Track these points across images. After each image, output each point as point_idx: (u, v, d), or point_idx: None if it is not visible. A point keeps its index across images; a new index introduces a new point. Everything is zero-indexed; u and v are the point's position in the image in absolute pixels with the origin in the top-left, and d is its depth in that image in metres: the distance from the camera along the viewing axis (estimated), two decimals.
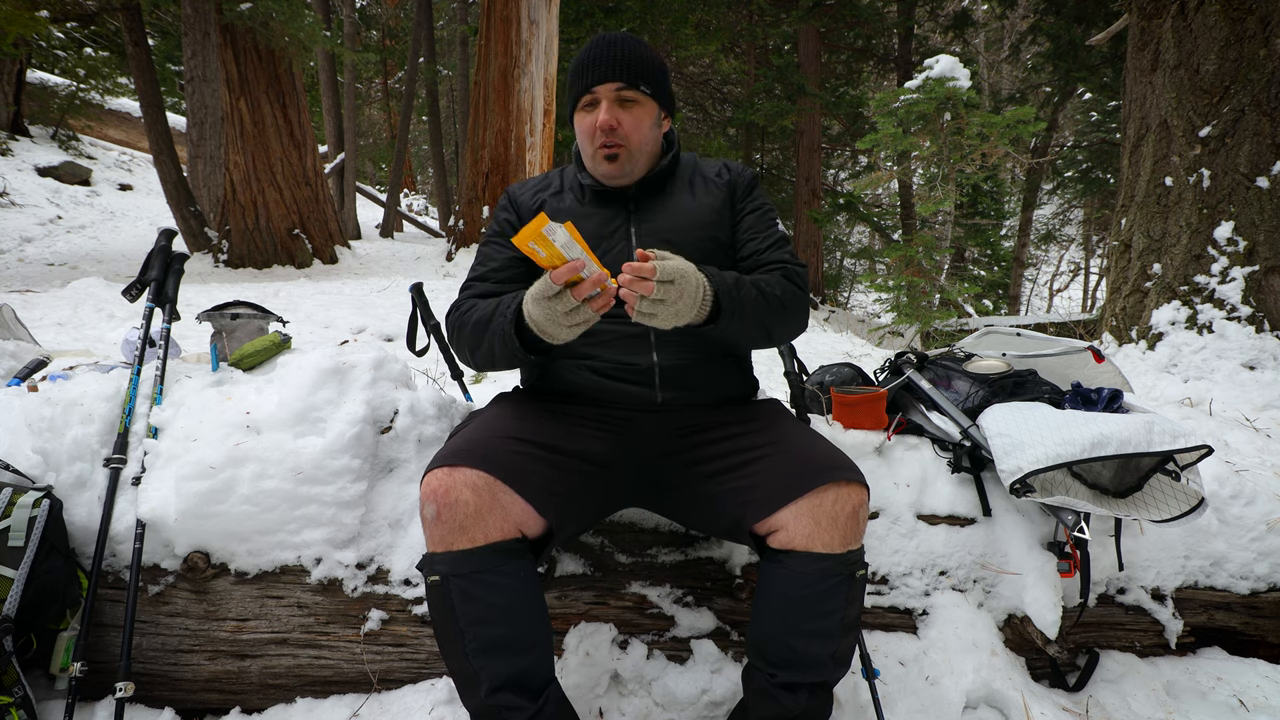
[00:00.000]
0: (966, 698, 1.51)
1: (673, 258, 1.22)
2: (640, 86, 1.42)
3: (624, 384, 1.41)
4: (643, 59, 1.43)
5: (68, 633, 1.38)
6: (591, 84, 1.42)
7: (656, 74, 1.45)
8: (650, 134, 1.47)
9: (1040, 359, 2.02)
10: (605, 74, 1.40)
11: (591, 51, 1.43)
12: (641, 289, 1.17)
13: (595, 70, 1.41)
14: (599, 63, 1.41)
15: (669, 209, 1.50)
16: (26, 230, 8.98)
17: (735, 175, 1.57)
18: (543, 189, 1.56)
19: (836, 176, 15.84)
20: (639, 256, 1.20)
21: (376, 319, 5.00)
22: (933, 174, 6.89)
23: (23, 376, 1.96)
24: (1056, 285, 17.72)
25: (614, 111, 1.41)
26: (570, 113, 1.51)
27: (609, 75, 1.40)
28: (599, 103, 1.42)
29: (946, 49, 11.20)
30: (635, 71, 1.41)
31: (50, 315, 4.59)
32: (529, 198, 1.55)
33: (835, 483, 1.21)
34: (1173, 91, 3.48)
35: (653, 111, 1.47)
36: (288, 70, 7.79)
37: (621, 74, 1.40)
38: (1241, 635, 1.83)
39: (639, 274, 1.17)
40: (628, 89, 1.41)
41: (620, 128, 1.42)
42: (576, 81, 1.46)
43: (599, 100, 1.42)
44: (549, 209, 1.51)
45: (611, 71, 1.40)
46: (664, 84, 1.48)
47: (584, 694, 1.44)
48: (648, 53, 1.45)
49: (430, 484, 1.16)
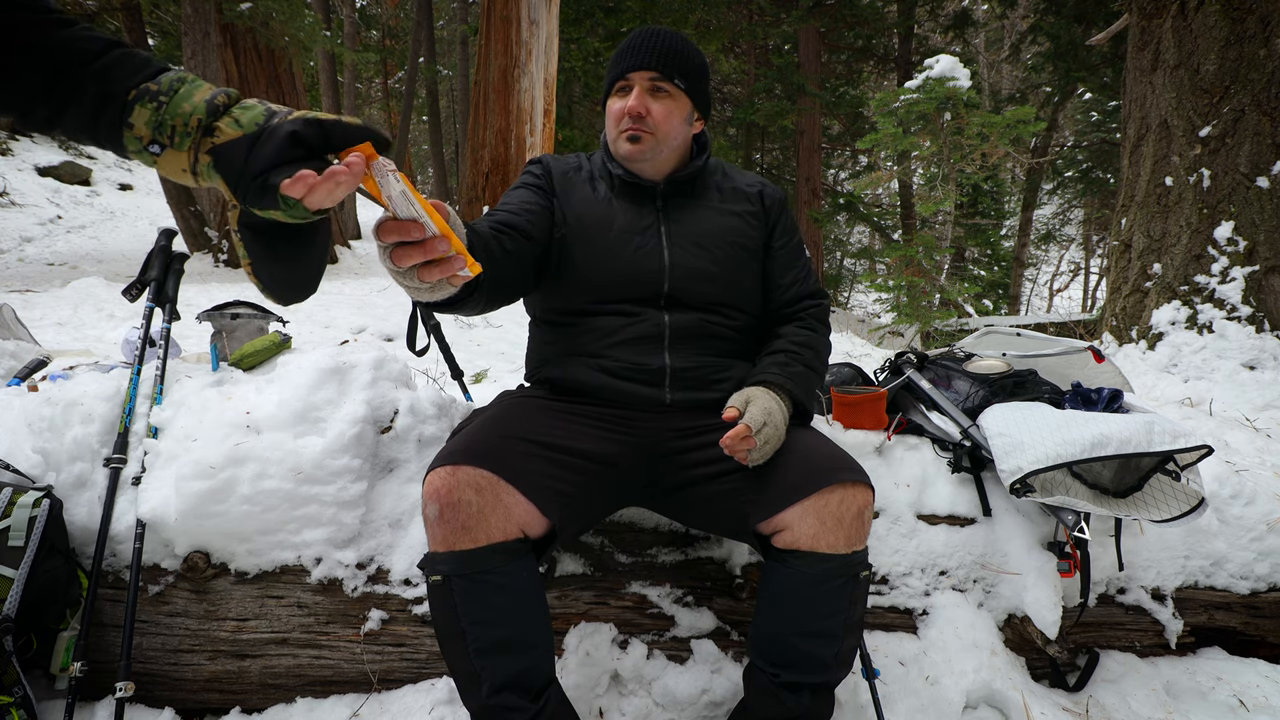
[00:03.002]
0: (966, 698, 1.51)
1: (751, 400, 1.29)
2: (675, 79, 1.42)
3: (634, 384, 1.41)
4: (682, 53, 1.43)
5: (68, 633, 1.38)
6: (626, 70, 1.42)
7: (694, 71, 1.45)
8: (679, 129, 1.47)
9: (1040, 359, 2.02)
10: (641, 61, 1.41)
11: (632, 40, 1.44)
12: (747, 446, 1.24)
13: (632, 56, 1.42)
14: (637, 50, 1.42)
15: (699, 213, 1.51)
16: (26, 230, 8.98)
17: (769, 193, 1.60)
18: (576, 168, 1.56)
19: (836, 176, 15.85)
20: (727, 418, 1.26)
21: (376, 319, 5.01)
22: (933, 174, 6.89)
23: (23, 376, 1.96)
24: (1056, 285, 17.73)
25: (644, 99, 1.42)
26: (604, 100, 1.51)
27: (645, 63, 1.41)
28: (632, 88, 1.43)
29: (946, 49, 11.19)
30: (672, 64, 1.41)
31: (50, 315, 4.59)
32: (561, 166, 1.55)
33: (841, 483, 1.21)
34: (1173, 91, 3.48)
35: (685, 107, 1.47)
36: (288, 70, 7.79)
37: (658, 63, 1.40)
38: (1241, 635, 1.83)
39: (740, 437, 1.23)
40: (662, 79, 1.41)
41: (649, 116, 1.42)
42: (613, 68, 1.46)
43: (632, 86, 1.43)
44: (582, 193, 1.50)
45: (648, 60, 1.40)
46: (701, 83, 1.48)
47: (584, 694, 1.44)
48: (689, 49, 1.45)
49: (433, 483, 1.16)
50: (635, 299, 1.44)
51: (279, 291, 0.88)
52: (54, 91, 0.75)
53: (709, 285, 1.46)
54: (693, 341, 1.43)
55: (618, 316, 1.43)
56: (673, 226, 1.48)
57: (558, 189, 1.51)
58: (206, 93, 0.77)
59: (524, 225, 1.37)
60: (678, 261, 1.45)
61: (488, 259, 1.21)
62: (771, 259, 1.56)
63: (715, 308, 1.47)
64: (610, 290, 1.44)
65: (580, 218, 1.47)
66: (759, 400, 1.29)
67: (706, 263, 1.46)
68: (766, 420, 1.25)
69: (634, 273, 1.43)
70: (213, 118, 0.76)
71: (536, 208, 1.45)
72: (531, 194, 1.48)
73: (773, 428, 1.26)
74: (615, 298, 1.44)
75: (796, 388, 1.37)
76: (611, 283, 1.44)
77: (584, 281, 1.45)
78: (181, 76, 0.78)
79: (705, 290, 1.46)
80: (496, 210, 1.42)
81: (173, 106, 0.76)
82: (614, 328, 1.42)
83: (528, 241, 1.37)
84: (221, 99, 0.77)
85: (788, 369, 1.40)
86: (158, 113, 0.75)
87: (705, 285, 1.45)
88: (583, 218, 1.47)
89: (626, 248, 1.44)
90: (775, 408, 1.29)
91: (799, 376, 1.40)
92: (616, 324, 1.43)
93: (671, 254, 1.45)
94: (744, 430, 1.23)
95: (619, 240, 1.45)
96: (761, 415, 1.26)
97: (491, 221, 1.34)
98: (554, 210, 1.48)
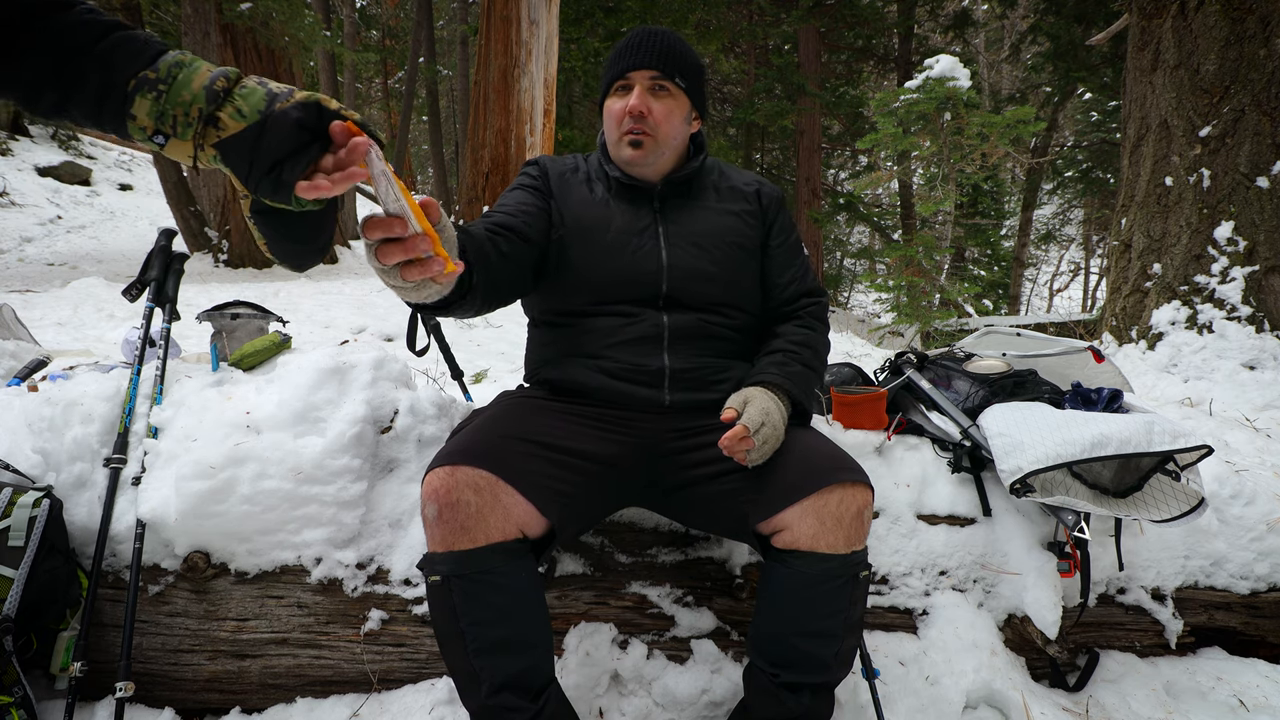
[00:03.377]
0: (966, 698, 1.51)
1: (749, 401, 1.29)
2: (675, 79, 1.42)
3: (633, 385, 1.41)
4: (681, 53, 1.43)
5: (68, 633, 1.38)
6: (627, 69, 1.42)
7: (693, 71, 1.46)
8: (679, 129, 1.47)
9: (1040, 359, 2.02)
10: (642, 60, 1.41)
11: (632, 39, 1.44)
12: (746, 446, 1.24)
13: (632, 56, 1.42)
14: (637, 49, 1.42)
15: (697, 212, 1.51)
16: (26, 230, 8.98)
17: (766, 192, 1.60)
18: (573, 169, 1.56)
19: (836, 176, 15.85)
20: (725, 419, 1.26)
21: (376, 319, 5.01)
22: (933, 174, 6.89)
23: (23, 376, 1.96)
24: (1056, 285, 17.73)
25: (645, 99, 1.42)
26: (601, 100, 1.50)
27: (645, 62, 1.41)
28: (632, 88, 1.42)
29: (946, 49, 11.19)
30: (673, 63, 1.42)
31: (50, 315, 4.59)
32: (558, 168, 1.55)
33: (840, 483, 1.21)
34: (1173, 91, 3.48)
35: (684, 107, 1.47)
36: (288, 70, 7.79)
37: (658, 63, 1.41)
38: (1241, 635, 1.83)
39: (738, 438, 1.23)
40: (663, 78, 1.42)
41: (650, 115, 1.42)
42: (612, 67, 1.46)
43: (632, 85, 1.42)
44: (579, 194, 1.50)
45: (649, 59, 1.41)
46: (699, 83, 1.49)
47: (584, 694, 1.44)
48: (686, 49, 1.45)
49: (431, 483, 1.16)
50: (634, 300, 1.44)
51: (294, 263, 0.92)
52: (61, 77, 0.75)
53: (708, 285, 1.46)
54: (692, 342, 1.43)
55: (616, 317, 1.43)
56: (670, 227, 1.48)
57: (555, 190, 1.51)
58: (205, 77, 0.76)
59: (521, 227, 1.37)
60: (676, 262, 1.45)
61: (483, 262, 1.20)
62: (769, 257, 1.56)
63: (714, 308, 1.47)
64: (608, 291, 1.44)
65: (578, 219, 1.47)
66: (757, 401, 1.29)
67: (705, 263, 1.46)
68: (764, 420, 1.25)
69: (632, 273, 1.43)
70: (213, 105, 0.75)
71: (534, 209, 1.44)
72: (528, 195, 1.48)
73: (771, 428, 1.26)
74: (613, 299, 1.44)
75: (795, 387, 1.37)
76: (610, 284, 1.44)
77: (582, 283, 1.45)
78: (179, 60, 0.77)
79: (704, 290, 1.46)
80: (493, 212, 1.41)
81: (172, 95, 0.75)
82: (613, 328, 1.42)
83: (525, 244, 1.37)
84: (220, 83, 0.76)
85: (786, 368, 1.40)
86: (158, 103, 0.75)
87: (704, 285, 1.45)
88: (580, 219, 1.47)
89: (624, 249, 1.44)
90: (773, 408, 1.29)
91: (797, 376, 1.40)
92: (615, 325, 1.43)
93: (670, 254, 1.45)
94: (742, 431, 1.23)
95: (617, 241, 1.45)
96: (759, 416, 1.25)
97: (488, 224, 1.34)
98: (551, 211, 1.48)
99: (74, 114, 0.77)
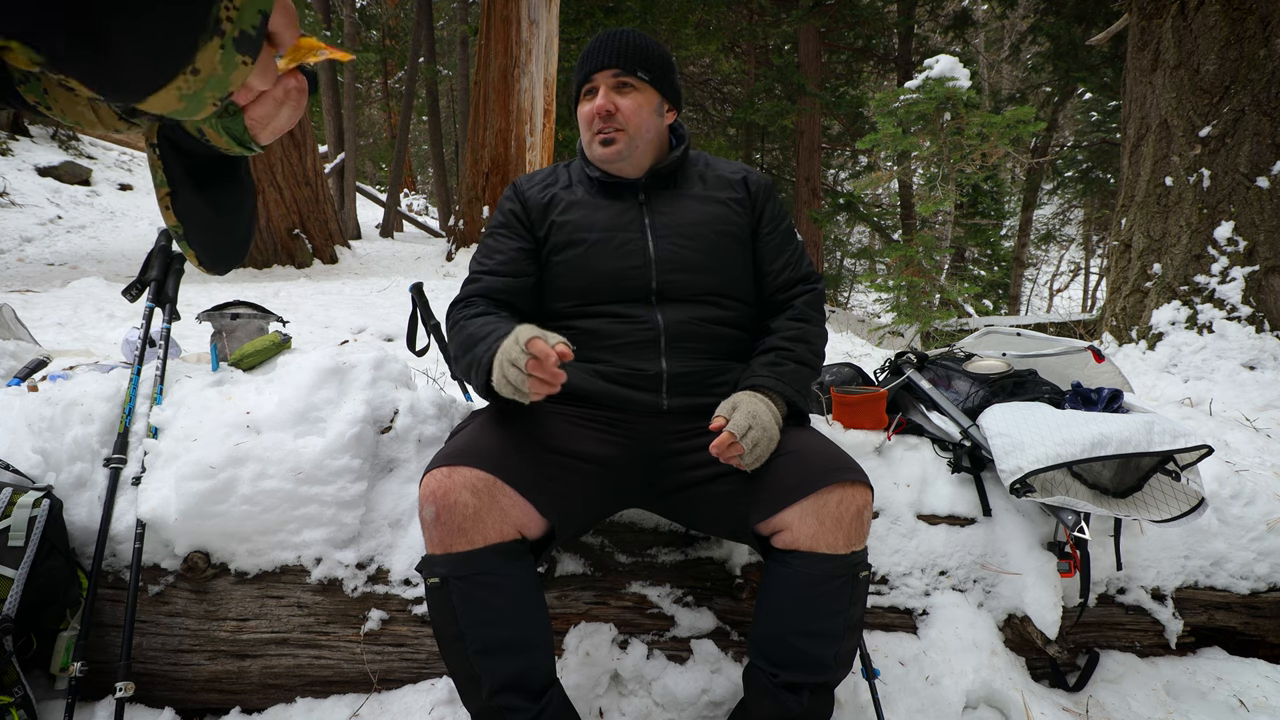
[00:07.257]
0: (966, 698, 1.51)
1: (736, 406, 1.29)
2: (638, 73, 1.44)
3: (631, 389, 1.41)
4: (641, 48, 1.45)
5: (68, 633, 1.38)
6: (590, 72, 1.45)
7: (656, 63, 1.46)
8: (651, 121, 1.47)
9: (1040, 359, 2.02)
10: (603, 61, 1.43)
11: (592, 44, 1.47)
12: (735, 453, 1.24)
13: (594, 59, 1.45)
14: (598, 52, 1.44)
15: (683, 203, 1.51)
16: (26, 230, 8.98)
17: (753, 179, 1.58)
18: (550, 183, 1.56)
19: (836, 176, 15.84)
20: (713, 428, 1.27)
21: (376, 319, 5.00)
22: (933, 174, 6.89)
23: (23, 376, 1.96)
24: (1056, 285, 17.72)
25: (610, 97, 1.43)
26: (573, 108, 1.53)
27: (607, 62, 1.43)
28: (598, 89, 1.45)
29: (946, 49, 11.19)
30: (632, 59, 1.43)
31: (50, 315, 4.59)
32: (536, 191, 1.54)
33: (840, 483, 1.21)
34: (1173, 91, 3.48)
35: (653, 99, 1.47)
36: None
37: (618, 60, 1.43)
38: (1241, 635, 1.83)
39: (725, 445, 1.23)
40: (625, 75, 1.43)
41: (618, 113, 1.43)
42: (577, 73, 1.49)
43: (598, 87, 1.45)
44: (562, 201, 1.51)
45: (609, 59, 1.43)
46: (666, 74, 1.49)
47: (584, 694, 1.44)
48: (648, 43, 1.47)
49: (429, 485, 1.16)
50: (624, 298, 1.43)
51: (200, 237, 0.73)
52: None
53: (697, 275, 1.45)
54: (689, 344, 1.43)
55: (610, 318, 1.43)
56: (656, 219, 1.48)
57: (535, 218, 1.51)
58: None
59: (522, 283, 1.47)
60: (663, 254, 1.44)
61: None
62: (761, 245, 1.54)
63: (706, 298, 1.46)
64: (599, 291, 1.44)
65: (562, 226, 1.48)
66: (744, 405, 1.28)
67: (692, 252, 1.45)
68: (751, 424, 1.25)
69: (620, 270, 1.43)
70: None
71: (521, 255, 1.49)
72: (513, 241, 1.50)
73: (759, 430, 1.25)
74: (605, 298, 1.44)
75: (787, 387, 1.36)
76: (599, 283, 1.44)
77: (572, 285, 1.46)
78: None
79: (694, 281, 1.45)
80: (492, 270, 1.47)
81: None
82: (609, 332, 1.42)
83: (532, 289, 1.49)
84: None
85: (777, 368, 1.39)
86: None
87: (693, 276, 1.45)
88: (565, 225, 1.48)
89: (610, 245, 1.45)
90: (762, 410, 1.28)
91: (789, 375, 1.39)
92: (611, 328, 1.42)
93: (656, 247, 1.45)
94: (728, 439, 1.23)
95: (602, 240, 1.45)
96: (746, 420, 1.25)
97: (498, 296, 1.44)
98: (537, 242, 1.51)
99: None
